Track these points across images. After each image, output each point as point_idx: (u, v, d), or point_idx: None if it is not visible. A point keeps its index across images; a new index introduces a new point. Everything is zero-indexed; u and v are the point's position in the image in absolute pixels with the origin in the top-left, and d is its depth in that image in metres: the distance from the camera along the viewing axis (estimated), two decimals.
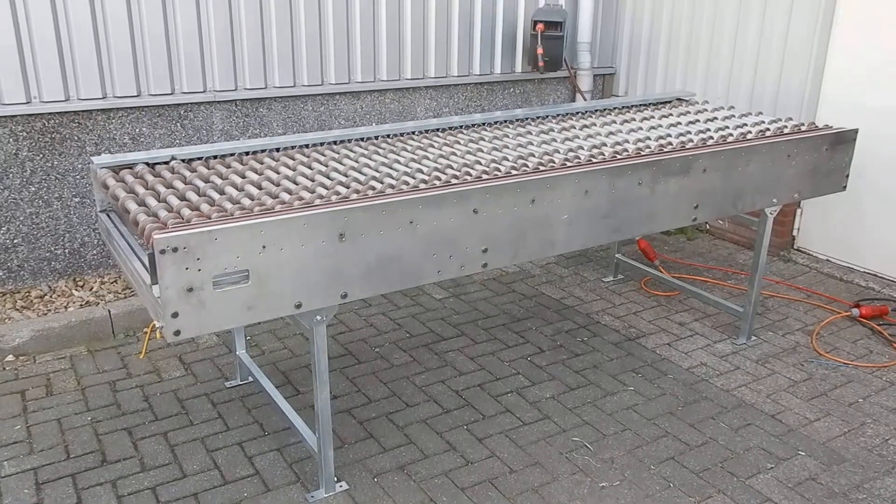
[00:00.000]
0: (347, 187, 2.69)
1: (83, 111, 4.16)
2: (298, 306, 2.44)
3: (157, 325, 2.28)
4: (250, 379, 3.59)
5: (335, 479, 2.90)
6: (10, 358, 3.76)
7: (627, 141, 3.42)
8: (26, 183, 4.12)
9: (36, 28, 3.90)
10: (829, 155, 3.68)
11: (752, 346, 3.98)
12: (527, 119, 3.87)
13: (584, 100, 5.83)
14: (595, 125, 3.76)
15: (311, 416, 3.04)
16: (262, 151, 3.20)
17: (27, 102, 3.98)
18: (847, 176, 3.83)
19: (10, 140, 4.02)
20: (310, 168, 2.98)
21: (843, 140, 3.71)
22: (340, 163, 3.06)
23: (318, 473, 2.85)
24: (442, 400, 3.48)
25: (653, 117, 3.96)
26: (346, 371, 3.71)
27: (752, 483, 2.94)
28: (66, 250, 4.33)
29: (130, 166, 2.95)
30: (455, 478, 2.95)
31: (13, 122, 4.00)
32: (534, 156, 3.16)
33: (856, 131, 3.74)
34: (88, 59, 4.07)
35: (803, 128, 3.73)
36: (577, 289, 4.67)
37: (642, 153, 3.19)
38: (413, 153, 3.20)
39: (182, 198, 2.62)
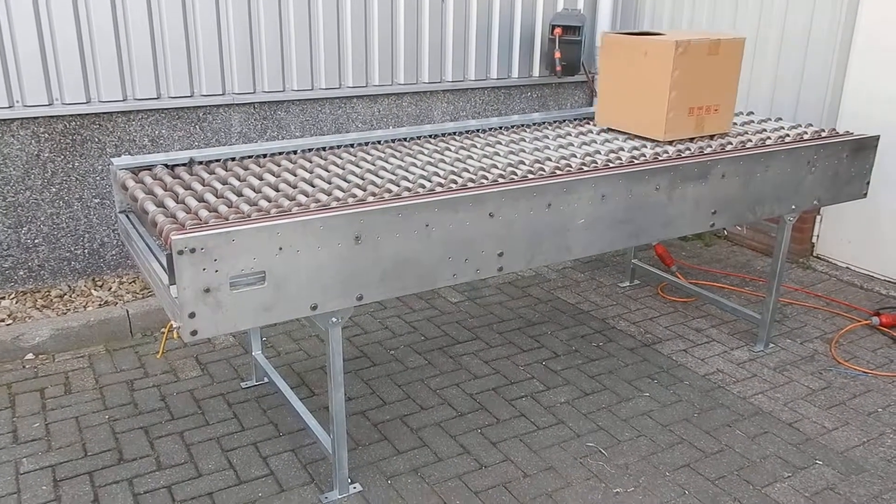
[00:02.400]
0: (364, 190, 2.70)
1: (104, 113, 4.21)
2: (314, 308, 2.45)
3: (174, 325, 2.30)
4: (266, 380, 3.60)
5: (349, 480, 2.90)
6: (29, 356, 3.80)
7: (645, 146, 3.41)
8: (47, 184, 4.17)
9: (58, 31, 3.95)
10: (849, 161, 3.65)
11: (770, 354, 3.95)
12: (544, 123, 3.87)
13: None
14: None
15: (326, 417, 3.05)
16: (280, 154, 3.22)
17: (49, 104, 4.03)
18: (868, 183, 3.79)
19: (32, 141, 4.07)
20: (326, 171, 3.00)
21: (864, 147, 3.67)
22: (357, 165, 3.07)
23: (332, 475, 2.86)
24: (456, 403, 3.48)
25: None
26: (361, 373, 3.72)
27: (768, 492, 2.92)
28: (86, 250, 4.37)
29: (150, 168, 2.98)
30: (469, 481, 2.95)
31: (35, 123, 4.05)
32: (550, 160, 3.15)
33: (877, 138, 3.70)
34: (109, 62, 4.12)
35: (823, 134, 3.70)
36: (593, 294, 4.66)
37: (660, 158, 3.18)
38: (430, 156, 3.21)
39: (200, 199, 2.65)
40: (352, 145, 3.39)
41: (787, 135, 3.65)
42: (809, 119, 4.85)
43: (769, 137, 3.59)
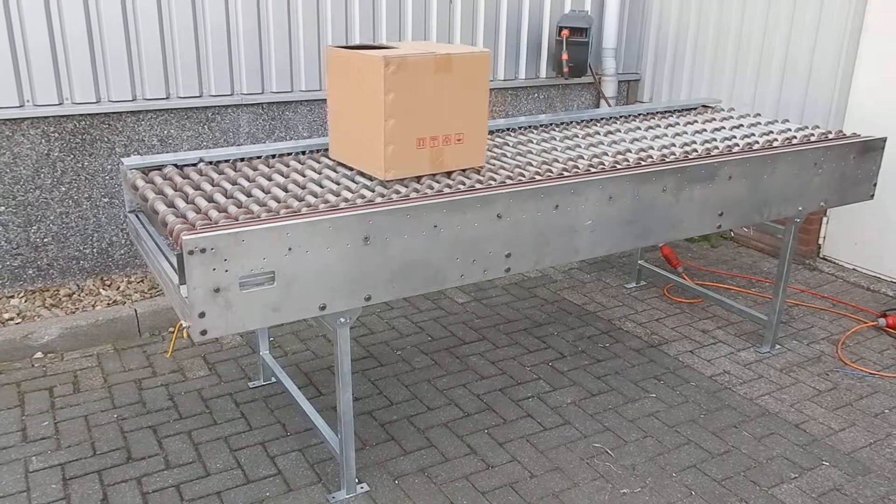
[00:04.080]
0: (373, 191, 2.71)
1: (113, 113, 4.23)
2: (323, 308, 2.46)
3: (184, 325, 2.31)
4: (273, 380, 3.62)
5: (356, 480, 2.91)
6: (38, 355, 3.83)
7: (652, 147, 3.42)
8: (57, 183, 4.19)
9: (69, 30, 3.97)
10: (856, 163, 3.65)
11: (777, 355, 3.95)
12: (551, 125, 3.88)
13: (609, 106, 5.82)
14: (619, 131, 3.76)
15: (333, 417, 3.06)
16: (288, 154, 3.24)
17: (59, 104, 4.05)
18: (875, 185, 3.79)
19: (42, 141, 4.09)
20: (335, 171, 3.01)
21: (871, 148, 3.67)
22: None
23: (340, 474, 2.87)
24: (463, 404, 3.49)
25: (678, 124, 3.95)
26: (368, 373, 3.73)
27: (774, 493, 2.92)
28: (95, 250, 4.40)
29: (159, 168, 3.00)
30: (476, 481, 2.96)
31: (45, 122, 4.08)
32: (558, 161, 3.16)
33: (884, 139, 3.70)
34: (119, 62, 4.14)
35: (830, 136, 3.70)
36: (600, 295, 4.66)
37: (667, 160, 3.19)
38: None
39: (210, 199, 2.66)
40: None
41: (794, 136, 3.65)
42: (816, 121, 4.85)
43: (776, 139, 3.59)
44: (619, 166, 3.07)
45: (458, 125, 2.84)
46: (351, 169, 3.01)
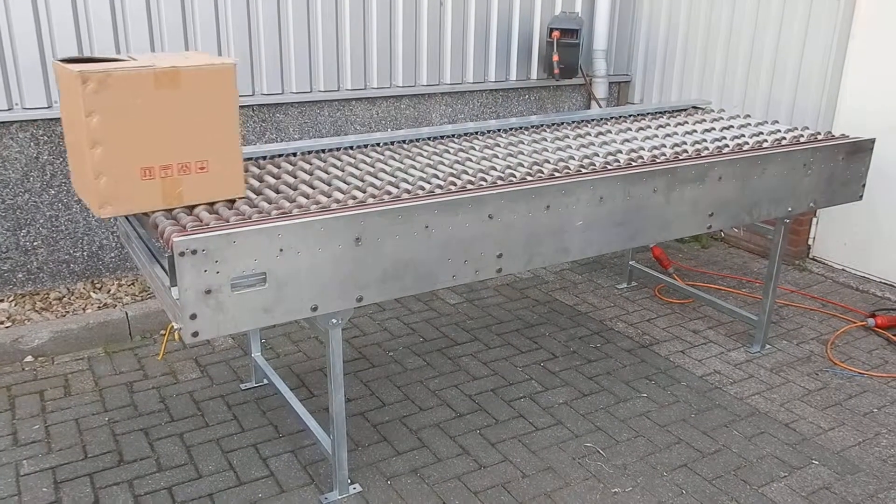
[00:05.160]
0: (364, 192, 2.72)
1: None
2: (314, 309, 2.46)
3: (175, 327, 2.31)
4: (265, 381, 3.62)
5: (349, 481, 2.92)
6: (29, 359, 3.81)
7: (643, 148, 3.43)
8: (46, 186, 4.17)
9: (57, 32, 3.96)
10: (845, 164, 3.67)
11: (767, 355, 3.97)
12: (542, 126, 3.89)
13: (600, 107, 5.84)
14: (610, 132, 3.77)
15: (326, 418, 3.07)
16: (279, 156, 3.24)
17: (48, 107, 4.04)
18: (864, 185, 3.82)
19: (32, 144, 4.08)
20: (326, 173, 3.01)
21: (860, 149, 3.70)
22: (356, 168, 3.08)
23: (332, 475, 2.87)
24: (455, 404, 3.49)
25: (668, 125, 3.97)
26: (361, 374, 3.73)
27: (765, 491, 2.93)
28: (85, 253, 4.38)
29: None
30: (468, 482, 2.97)
31: (34, 126, 4.06)
32: (549, 162, 3.17)
33: (872, 140, 3.73)
34: None
35: (820, 137, 3.73)
36: (591, 295, 4.67)
37: (657, 160, 3.20)
38: (428, 159, 3.22)
39: None
40: (351, 147, 3.41)
41: (784, 138, 3.67)
42: (805, 122, 4.88)
43: (766, 140, 3.61)
44: (609, 167, 3.08)
45: (198, 151, 2.41)
46: (342, 170, 3.00)
